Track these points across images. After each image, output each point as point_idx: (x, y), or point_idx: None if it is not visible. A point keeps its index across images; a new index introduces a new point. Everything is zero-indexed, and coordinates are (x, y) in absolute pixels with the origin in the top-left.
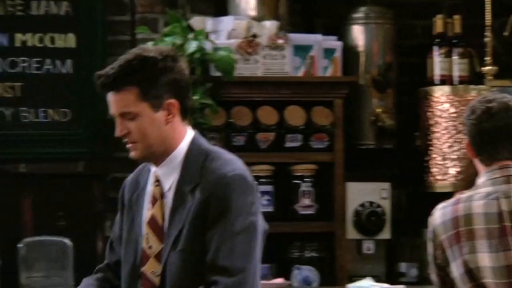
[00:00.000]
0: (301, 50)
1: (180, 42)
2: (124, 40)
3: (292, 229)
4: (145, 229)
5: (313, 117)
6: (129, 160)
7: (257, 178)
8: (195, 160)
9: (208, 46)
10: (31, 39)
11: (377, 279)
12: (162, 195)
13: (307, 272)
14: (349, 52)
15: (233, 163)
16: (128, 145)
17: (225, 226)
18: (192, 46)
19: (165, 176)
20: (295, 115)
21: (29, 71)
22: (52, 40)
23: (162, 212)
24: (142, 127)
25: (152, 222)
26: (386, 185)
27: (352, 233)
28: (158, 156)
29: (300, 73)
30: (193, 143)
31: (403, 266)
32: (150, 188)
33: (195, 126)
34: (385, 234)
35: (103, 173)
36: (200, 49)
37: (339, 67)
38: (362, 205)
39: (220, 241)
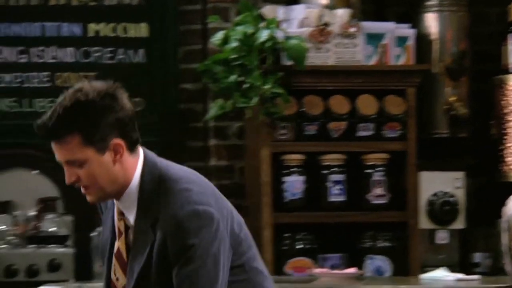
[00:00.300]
0: (374, 39)
1: (252, 31)
2: (195, 29)
3: (364, 219)
4: (113, 260)
5: (386, 106)
6: (202, 149)
7: (328, 167)
8: (150, 193)
9: (279, 35)
10: (104, 29)
11: (451, 269)
12: (127, 229)
13: (379, 262)
14: (422, 40)
15: (183, 194)
16: (82, 190)
17: (181, 267)
18: (263, 35)
19: (127, 210)
20: (367, 104)
21: (102, 61)
22: (125, 29)
23: (127, 246)
24: (91, 172)
25: (118, 254)
26: (460, 175)
27: (425, 223)
28: (114, 195)
29: (372, 61)
30: (144, 172)
31: (477, 256)
32: (115, 218)
33: (266, 115)
34: (459, 223)
35: (176, 162)
36: (272, 38)
37: (412, 55)
38: (435, 194)
39: (181, 280)
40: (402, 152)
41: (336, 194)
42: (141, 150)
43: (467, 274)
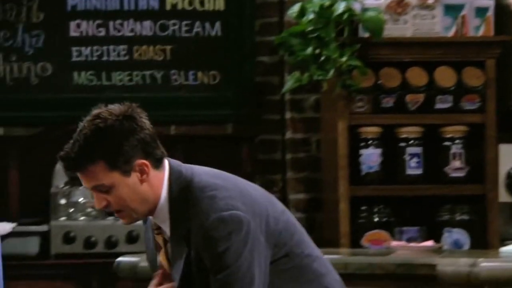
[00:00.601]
0: (452, 10)
1: (329, 3)
2: (272, 2)
3: (442, 192)
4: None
5: (464, 78)
6: (277, 122)
7: (406, 140)
8: (179, 204)
9: (356, 6)
10: (181, 2)
11: None
12: (166, 242)
13: (457, 235)
14: (502, 11)
15: (208, 203)
16: (116, 214)
17: (217, 274)
18: (340, 7)
19: (162, 224)
20: (445, 76)
21: (179, 34)
22: (202, 3)
23: (167, 258)
24: (119, 196)
25: (161, 267)
26: None
27: (504, 196)
28: (147, 213)
29: (451, 33)
30: (171, 184)
31: None
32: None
33: (343, 88)
34: None
35: (251, 135)
36: (349, 10)
37: (491, 27)
38: None
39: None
40: (480, 124)
41: (413, 167)
42: (166, 162)
43: None
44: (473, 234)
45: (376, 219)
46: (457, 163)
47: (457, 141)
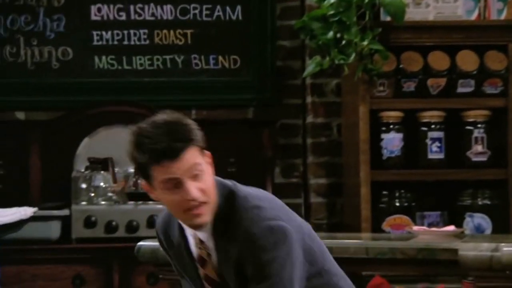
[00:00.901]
0: None
1: None
2: None
3: (464, 177)
4: (205, 284)
5: (486, 62)
6: (298, 106)
7: (427, 124)
8: (223, 213)
9: None
10: None
11: None
12: (210, 256)
13: (479, 219)
14: None
15: (254, 212)
16: (197, 211)
17: (261, 281)
18: None
19: (205, 237)
20: (467, 60)
21: (200, 18)
22: None
23: (214, 269)
24: (209, 184)
25: (208, 279)
26: None
27: None
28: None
29: (473, 16)
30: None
31: None
32: (192, 248)
33: (364, 72)
34: None
35: (272, 119)
36: None
37: None
38: None
39: None
40: (503, 108)
41: (435, 152)
42: None
43: None
44: (495, 219)
45: (397, 204)
46: (479, 148)
47: (479, 125)
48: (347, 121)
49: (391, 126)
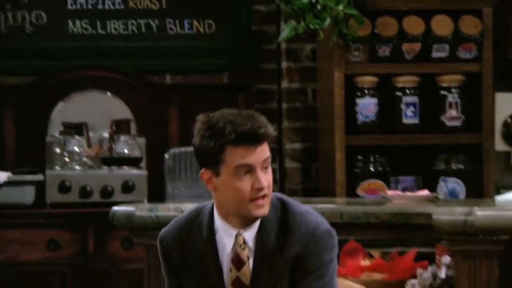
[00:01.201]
0: None
1: None
2: None
3: (438, 141)
4: None
5: (461, 27)
6: (273, 71)
7: (402, 89)
8: (273, 214)
9: None
10: None
11: None
12: (248, 257)
13: (453, 184)
14: None
15: (311, 216)
16: (262, 202)
17: (314, 281)
18: None
19: (249, 237)
20: (442, 25)
21: None
22: None
23: (249, 273)
24: (270, 176)
25: (238, 284)
26: None
27: (500, 145)
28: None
29: None
30: None
31: None
32: (222, 254)
33: (339, 37)
34: None
35: (247, 84)
36: None
37: None
38: (511, 116)
39: None
40: (477, 73)
41: (409, 116)
42: None
43: None
44: (468, 183)
45: (371, 169)
46: (453, 112)
47: (453, 90)
48: (322, 86)
49: (366, 91)
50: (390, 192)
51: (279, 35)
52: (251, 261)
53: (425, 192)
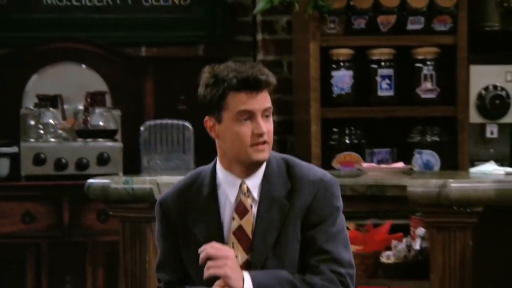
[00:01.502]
0: None
1: None
2: None
3: (413, 114)
4: (230, 239)
5: None
6: (249, 43)
7: (377, 61)
8: (276, 168)
9: None
10: None
11: (500, 163)
12: (251, 206)
13: (428, 156)
14: None
15: (316, 168)
16: (262, 146)
17: (328, 226)
18: None
19: (253, 186)
20: None
21: None
22: None
23: (252, 222)
24: (271, 125)
25: (240, 232)
26: (511, 68)
27: (475, 117)
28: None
29: None
30: None
31: None
32: (228, 201)
33: (315, 9)
34: (510, 117)
35: (222, 57)
36: None
37: None
38: (486, 88)
39: (325, 239)
40: (452, 45)
41: (385, 89)
42: None
43: None
44: (443, 155)
45: (347, 141)
46: (428, 85)
47: (428, 62)
48: (298, 58)
49: (342, 64)
50: (365, 165)
51: (254, 7)
52: (254, 210)
53: (400, 164)
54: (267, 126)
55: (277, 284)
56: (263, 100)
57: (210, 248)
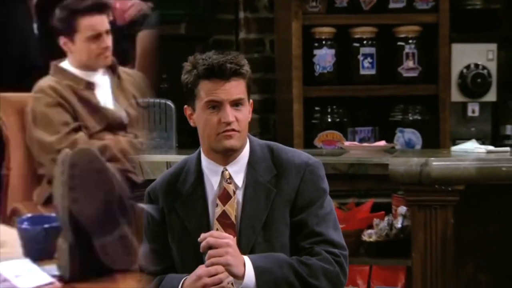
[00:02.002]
0: None
1: None
2: None
3: (395, 92)
4: (215, 225)
5: None
6: (231, 22)
7: (359, 40)
8: (261, 154)
9: None
10: None
11: (482, 141)
12: (234, 192)
13: (410, 134)
14: None
15: (300, 152)
16: (228, 133)
17: (317, 209)
18: None
19: (235, 173)
20: None
21: None
22: None
23: (235, 208)
24: (245, 117)
25: (224, 217)
26: (493, 47)
27: (456, 96)
28: (240, 150)
29: None
30: (251, 140)
31: (508, 128)
32: (212, 188)
33: None
34: (491, 96)
35: (205, 35)
36: None
37: None
38: (467, 67)
39: (316, 221)
40: (434, 24)
41: (367, 68)
42: None
43: (498, 146)
44: (425, 134)
45: (329, 120)
46: (410, 63)
47: (410, 41)
48: (280, 37)
49: (324, 42)
50: (347, 143)
51: None
52: (239, 196)
53: (382, 143)
54: (236, 115)
55: (277, 266)
56: (232, 90)
57: (210, 237)
